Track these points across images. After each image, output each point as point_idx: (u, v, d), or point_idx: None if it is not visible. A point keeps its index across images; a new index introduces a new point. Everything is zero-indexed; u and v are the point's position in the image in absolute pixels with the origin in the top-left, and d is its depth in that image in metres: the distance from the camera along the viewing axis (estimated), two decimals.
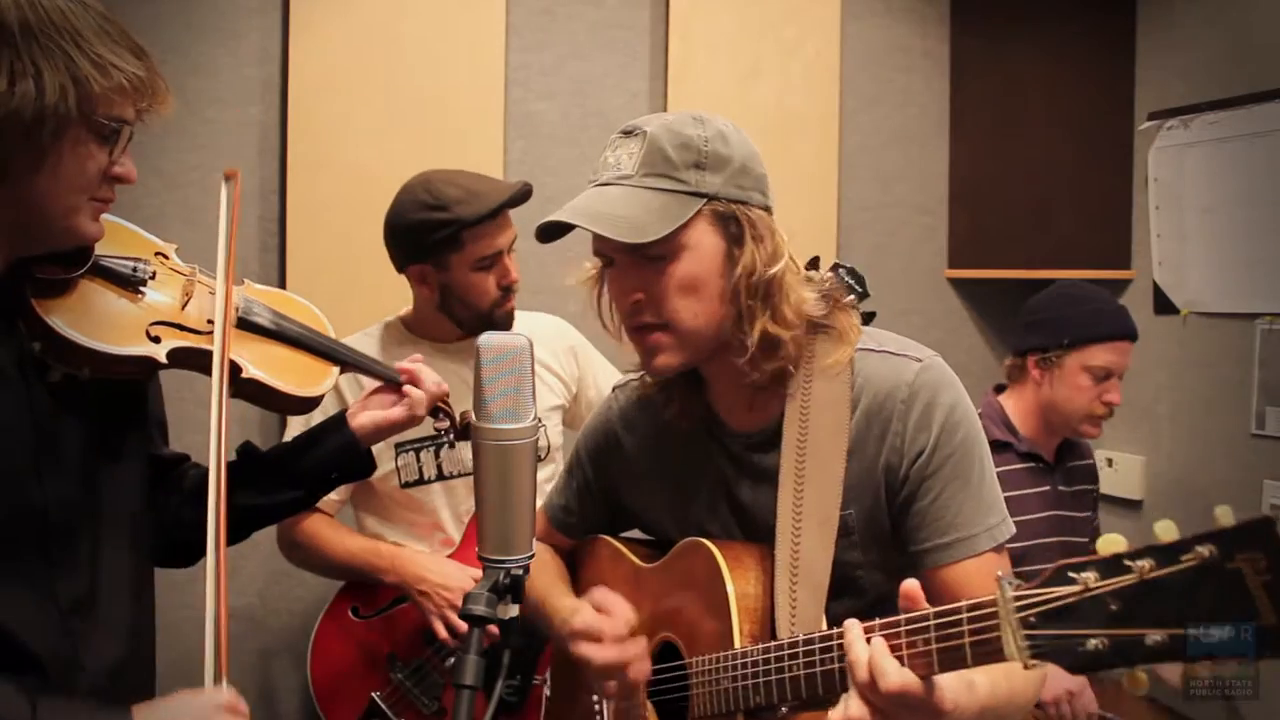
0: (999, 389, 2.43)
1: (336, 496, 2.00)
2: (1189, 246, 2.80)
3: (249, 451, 1.47)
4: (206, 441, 1.50)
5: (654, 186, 1.21)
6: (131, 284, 1.25)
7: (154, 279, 1.27)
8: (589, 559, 1.57)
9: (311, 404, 1.42)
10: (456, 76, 2.65)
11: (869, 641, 1.01)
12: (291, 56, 2.55)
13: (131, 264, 1.25)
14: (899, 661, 0.98)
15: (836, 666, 1.08)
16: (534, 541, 1.55)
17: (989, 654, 0.92)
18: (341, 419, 1.47)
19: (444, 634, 1.88)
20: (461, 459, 2.01)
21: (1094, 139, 3.01)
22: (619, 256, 1.25)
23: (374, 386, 1.52)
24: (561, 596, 1.47)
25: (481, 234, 1.90)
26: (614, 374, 2.16)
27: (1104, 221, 3.02)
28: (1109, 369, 2.28)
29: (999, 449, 2.17)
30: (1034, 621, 0.86)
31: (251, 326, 1.35)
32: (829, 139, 2.94)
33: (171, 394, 1.44)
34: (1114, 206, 3.01)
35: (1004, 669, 0.97)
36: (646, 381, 1.43)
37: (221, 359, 1.24)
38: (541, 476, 2.03)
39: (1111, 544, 0.84)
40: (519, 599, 1.01)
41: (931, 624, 0.97)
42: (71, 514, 1.18)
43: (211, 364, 1.28)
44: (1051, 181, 3.03)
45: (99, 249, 1.22)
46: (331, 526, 2.00)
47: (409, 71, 2.62)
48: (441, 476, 2.01)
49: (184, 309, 1.28)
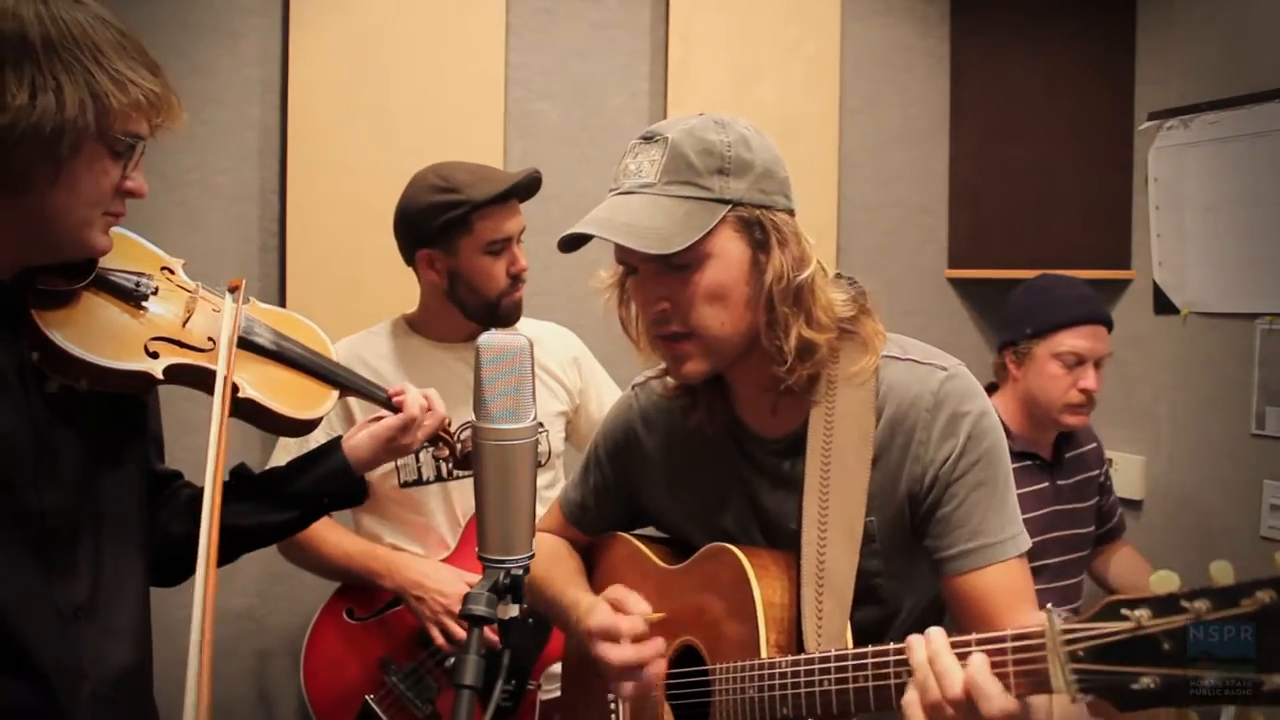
0: (990, 389, 2.43)
1: None
2: (1189, 246, 2.80)
3: (242, 473, 1.47)
4: (203, 443, 1.50)
5: (677, 194, 1.20)
6: (133, 298, 1.25)
7: (156, 294, 1.27)
8: (607, 556, 1.56)
9: (309, 426, 1.41)
10: (456, 76, 2.64)
11: (965, 660, 0.96)
12: (291, 56, 2.55)
13: (135, 278, 1.25)
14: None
15: (871, 685, 1.07)
16: (547, 535, 1.58)
17: (1034, 685, 0.91)
18: (336, 443, 1.48)
19: (440, 640, 1.88)
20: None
21: (1094, 139, 3.01)
22: (643, 265, 1.24)
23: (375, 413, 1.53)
24: (577, 590, 1.46)
25: (490, 217, 1.92)
26: (615, 390, 2.16)
27: (1104, 221, 3.02)
28: (1078, 354, 2.26)
29: None
30: (1082, 655, 0.85)
31: (252, 346, 1.36)
32: (829, 139, 2.94)
33: (171, 393, 1.44)
34: (1114, 206, 3.01)
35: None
36: (668, 384, 1.41)
37: (220, 439, 1.20)
38: (542, 483, 2.02)
39: (1165, 582, 0.82)
40: (519, 599, 1.00)
41: (974, 649, 0.96)
42: (71, 520, 1.18)
43: (210, 381, 1.27)
44: (1051, 181, 3.03)
45: (104, 261, 1.22)
46: (329, 527, 2.00)
47: (409, 71, 2.61)
48: (440, 478, 2.00)
49: (185, 326, 1.28)
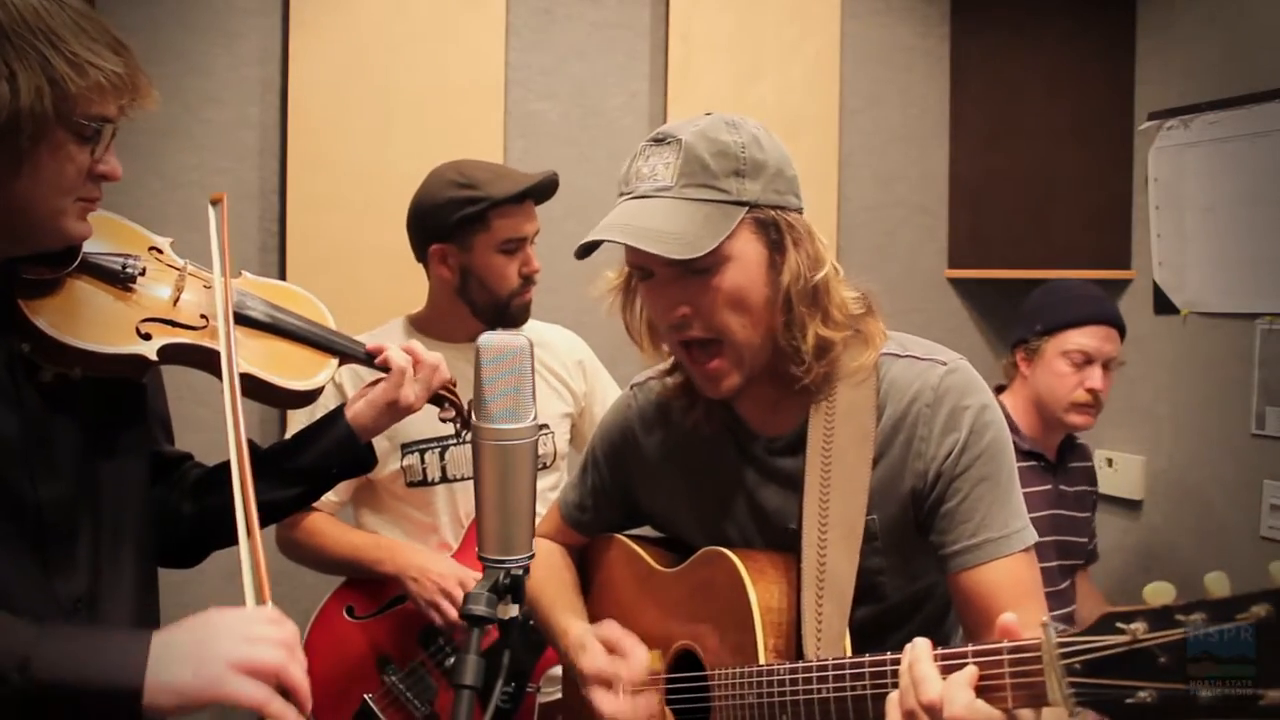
0: (999, 390, 2.44)
1: (335, 498, 2.00)
2: (1189, 246, 2.80)
3: (249, 450, 1.46)
4: (208, 440, 1.49)
5: (695, 197, 1.18)
6: (121, 280, 1.22)
7: (144, 274, 1.24)
8: (603, 560, 1.56)
9: (310, 397, 1.40)
10: (456, 76, 2.64)
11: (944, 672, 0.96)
12: (291, 56, 2.55)
13: (121, 260, 1.23)
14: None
15: (869, 693, 1.06)
16: (544, 542, 1.57)
17: (1031, 698, 0.90)
18: (339, 413, 1.46)
19: (439, 620, 1.87)
20: (465, 461, 2.00)
21: (1094, 139, 3.01)
22: (661, 270, 1.21)
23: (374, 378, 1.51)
24: (567, 616, 1.46)
25: (508, 215, 1.93)
26: (619, 393, 2.15)
27: (1104, 221, 3.02)
28: (1086, 353, 2.28)
29: None
30: (1079, 669, 0.84)
31: (245, 320, 1.33)
32: (829, 139, 2.94)
33: (171, 394, 1.44)
34: (1114, 206, 3.02)
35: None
36: (667, 383, 1.41)
37: (230, 367, 1.22)
38: (546, 484, 2.02)
39: (1160, 594, 0.81)
40: (519, 599, 1.00)
41: (970, 661, 0.95)
42: (68, 514, 1.17)
43: (205, 358, 1.27)
44: (1051, 181, 3.03)
45: (89, 244, 1.20)
46: (331, 523, 2.00)
47: (409, 71, 2.61)
48: (445, 479, 2.00)
49: (176, 304, 1.26)
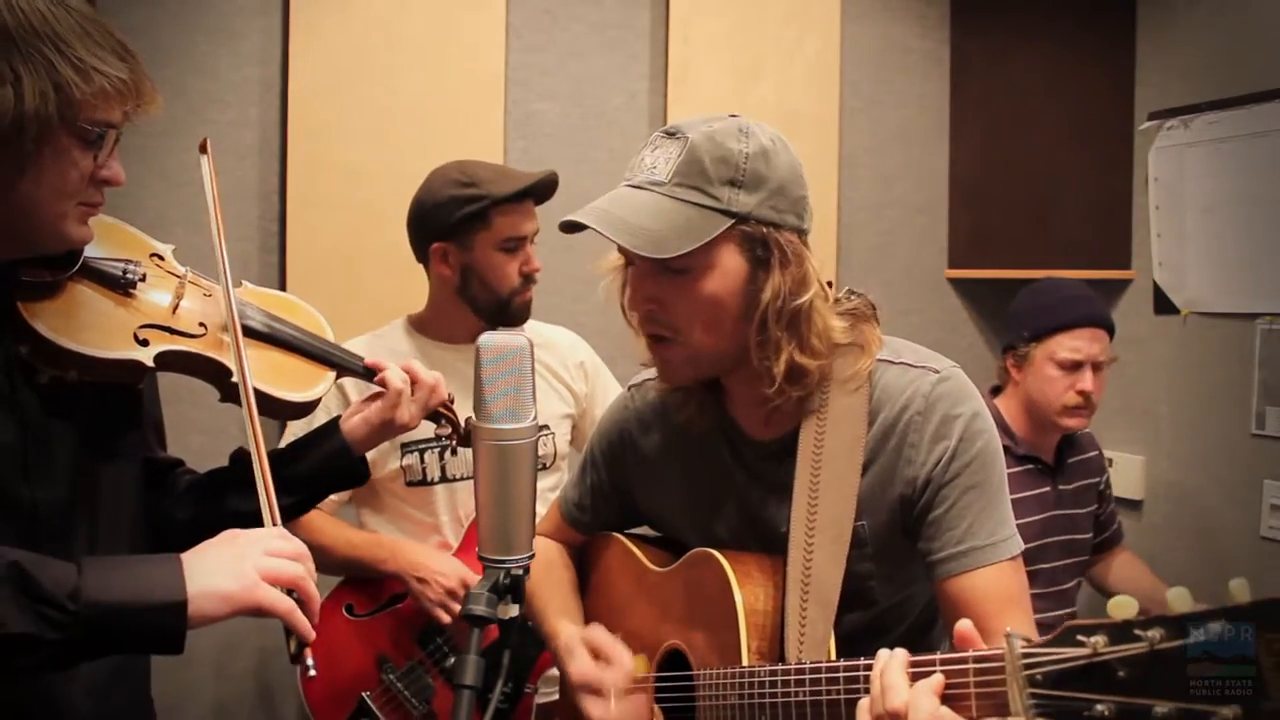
0: (995, 391, 2.43)
1: (335, 497, 1.99)
2: (1189, 246, 2.80)
3: (241, 458, 1.46)
4: (206, 444, 1.50)
5: (684, 198, 1.18)
6: (121, 286, 1.23)
7: (144, 281, 1.25)
8: (600, 558, 1.57)
9: (306, 409, 1.40)
10: (456, 76, 2.64)
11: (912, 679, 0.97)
12: (291, 56, 2.55)
13: (121, 266, 1.23)
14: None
15: (842, 697, 1.07)
16: (542, 541, 1.58)
17: (995, 707, 0.91)
18: (334, 425, 1.47)
19: (445, 618, 1.88)
20: (465, 461, 2.00)
21: (1094, 139, 3.01)
22: (639, 262, 1.23)
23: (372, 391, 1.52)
24: (560, 617, 1.47)
25: (509, 214, 1.94)
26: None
27: (1104, 221, 3.02)
28: (1075, 358, 2.26)
29: None
30: (1040, 680, 0.85)
31: (244, 330, 1.33)
32: (829, 139, 2.94)
33: (169, 396, 1.44)
34: (1114, 206, 3.01)
35: None
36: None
37: (234, 326, 1.22)
38: (547, 485, 2.03)
39: (1123, 608, 0.82)
40: (519, 599, 1.01)
41: (937, 670, 0.96)
42: (63, 515, 1.17)
43: (202, 366, 1.27)
44: (1051, 181, 3.03)
45: (90, 250, 1.20)
46: (331, 522, 2.00)
47: (409, 71, 2.61)
48: (445, 479, 2.01)
49: (175, 312, 1.26)
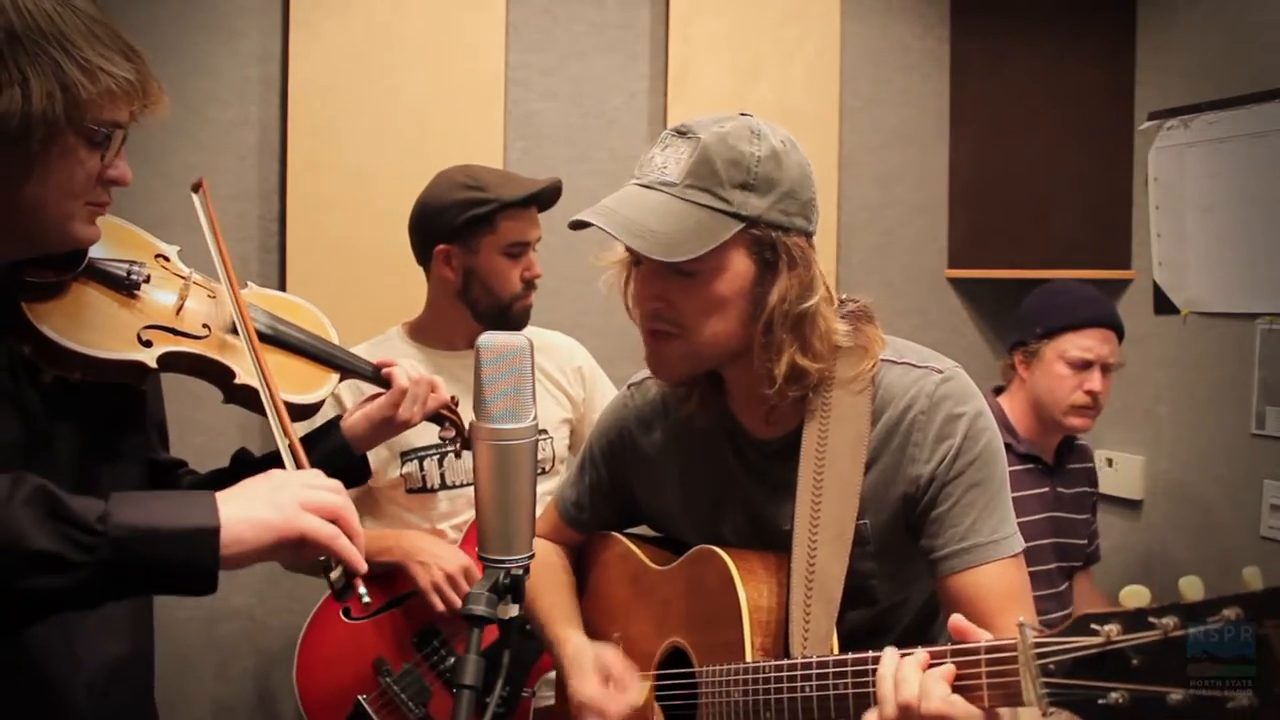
0: (998, 391, 2.43)
1: None
2: (1189, 246, 2.80)
3: (243, 459, 1.46)
4: (207, 444, 1.50)
5: (694, 200, 1.18)
6: (125, 287, 1.23)
7: (149, 282, 1.25)
8: (599, 557, 1.57)
9: (309, 411, 1.40)
10: (456, 76, 2.64)
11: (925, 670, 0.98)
12: (291, 56, 2.55)
13: (126, 267, 1.23)
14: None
15: (851, 691, 1.08)
16: (541, 543, 1.58)
17: (1006, 697, 0.91)
18: (334, 424, 1.47)
19: (440, 606, 1.87)
20: (465, 468, 2.01)
21: (1094, 139, 3.01)
22: (647, 261, 1.22)
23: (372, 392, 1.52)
24: (566, 625, 1.47)
25: (515, 218, 1.95)
26: None
27: (1104, 221, 3.02)
28: (1086, 357, 2.27)
29: None
30: (1053, 669, 0.85)
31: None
32: (829, 139, 2.94)
33: (169, 397, 1.44)
34: (1114, 206, 3.01)
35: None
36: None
37: (247, 325, 1.23)
38: (544, 489, 2.02)
39: (1135, 596, 0.82)
40: (519, 599, 1.01)
41: (949, 661, 0.96)
42: None
43: (206, 367, 1.27)
44: (1051, 181, 3.03)
45: (96, 250, 1.21)
46: None
47: (409, 71, 2.61)
48: (444, 485, 2.02)
49: (179, 313, 1.27)
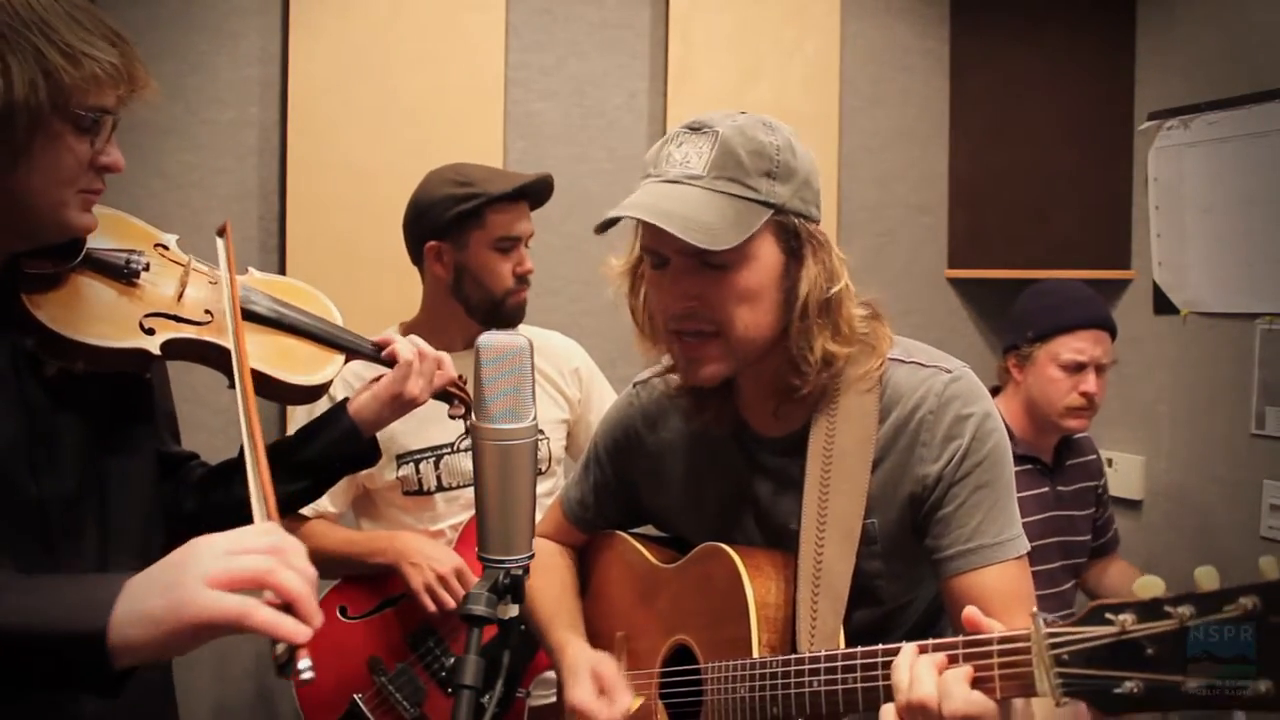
0: (994, 392, 2.43)
1: (334, 509, 2.02)
2: (1189, 246, 2.80)
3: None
4: (208, 440, 1.49)
5: (725, 191, 1.18)
6: (125, 276, 1.23)
7: (148, 270, 1.25)
8: (602, 556, 1.56)
9: (317, 392, 1.40)
10: (456, 76, 2.64)
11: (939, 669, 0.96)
12: (291, 56, 2.55)
13: (125, 255, 1.23)
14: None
15: (860, 685, 1.07)
16: (544, 543, 1.58)
17: (1020, 688, 0.90)
18: (341, 408, 1.46)
19: (431, 607, 1.88)
20: (460, 470, 2.01)
21: (1094, 139, 3.01)
22: (678, 259, 1.21)
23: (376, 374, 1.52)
24: (566, 629, 1.46)
25: (503, 213, 1.96)
26: (615, 399, 2.15)
27: (1104, 221, 3.02)
28: (1079, 360, 2.26)
29: None
30: (1067, 659, 0.85)
31: (250, 316, 1.34)
32: (829, 139, 2.94)
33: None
34: (1114, 206, 3.01)
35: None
36: (671, 381, 1.40)
37: (243, 368, 1.22)
38: (542, 490, 2.02)
39: (1150, 587, 0.82)
40: (519, 599, 1.01)
41: (960, 652, 0.95)
42: (74, 510, 1.17)
43: (209, 353, 1.27)
44: (1051, 181, 3.03)
45: (94, 241, 1.20)
46: (332, 527, 2.02)
47: (409, 71, 2.61)
48: (441, 488, 2.02)
49: (180, 300, 1.27)
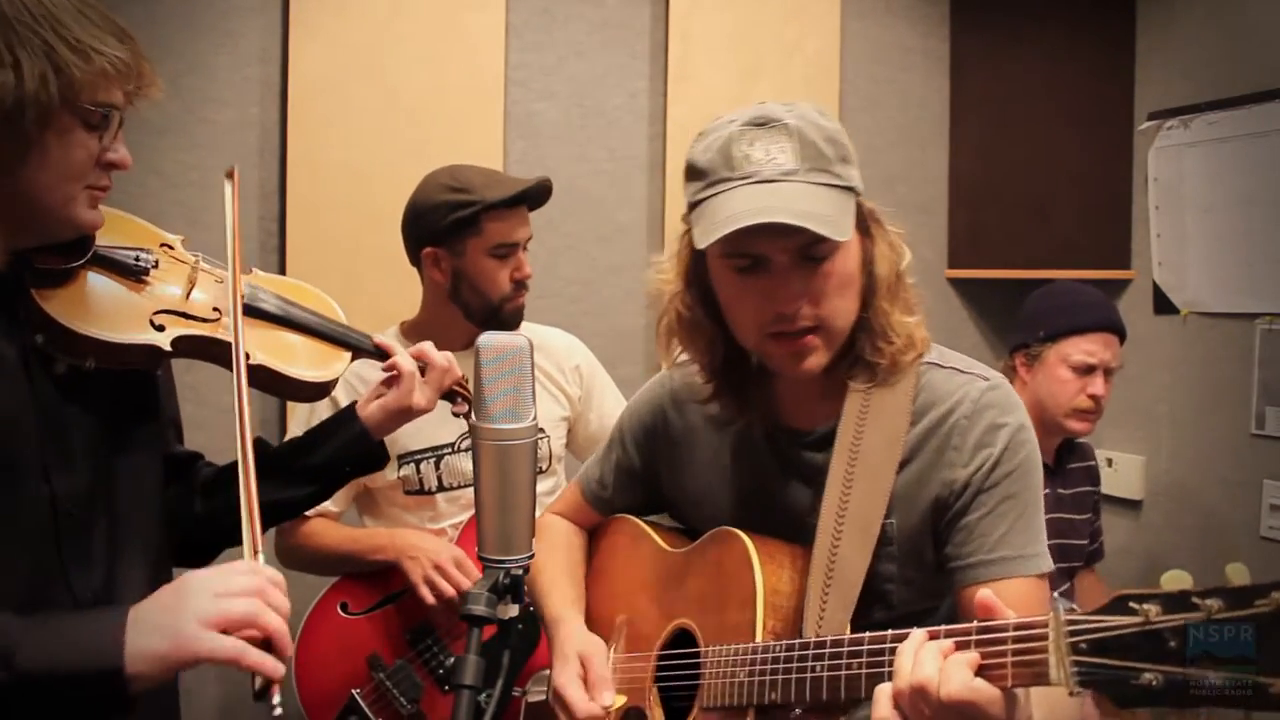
0: None
1: (335, 508, 2.02)
2: (1189, 246, 2.80)
3: (260, 449, 1.45)
4: (211, 441, 1.50)
5: (820, 182, 1.16)
6: (134, 273, 1.24)
7: (157, 268, 1.26)
8: (610, 539, 1.56)
9: (323, 389, 1.41)
10: (456, 76, 2.64)
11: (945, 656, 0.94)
12: (291, 56, 2.55)
13: (134, 253, 1.24)
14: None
15: (864, 672, 1.05)
16: (557, 520, 1.58)
17: (1034, 676, 0.88)
18: (351, 411, 1.47)
19: (430, 598, 1.88)
20: (461, 470, 2.01)
21: (1094, 139, 3.01)
22: (782, 258, 1.17)
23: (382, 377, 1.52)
24: (567, 605, 1.46)
25: (500, 219, 1.94)
26: (618, 399, 2.15)
27: (1104, 221, 3.02)
28: (1089, 362, 2.26)
29: None
30: (1084, 648, 0.83)
31: (257, 313, 1.35)
32: None
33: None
34: (1114, 206, 3.01)
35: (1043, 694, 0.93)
36: (696, 386, 1.37)
37: (237, 345, 1.24)
38: (543, 489, 2.03)
39: (1178, 580, 0.81)
40: (519, 599, 1.01)
41: (973, 638, 0.94)
42: (83, 507, 1.17)
43: (218, 351, 1.28)
44: (1051, 181, 3.03)
45: (101, 240, 1.21)
46: (331, 525, 2.02)
47: (409, 71, 2.61)
48: (442, 488, 2.02)
49: (188, 297, 1.28)
